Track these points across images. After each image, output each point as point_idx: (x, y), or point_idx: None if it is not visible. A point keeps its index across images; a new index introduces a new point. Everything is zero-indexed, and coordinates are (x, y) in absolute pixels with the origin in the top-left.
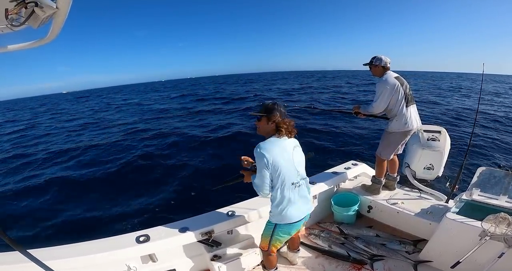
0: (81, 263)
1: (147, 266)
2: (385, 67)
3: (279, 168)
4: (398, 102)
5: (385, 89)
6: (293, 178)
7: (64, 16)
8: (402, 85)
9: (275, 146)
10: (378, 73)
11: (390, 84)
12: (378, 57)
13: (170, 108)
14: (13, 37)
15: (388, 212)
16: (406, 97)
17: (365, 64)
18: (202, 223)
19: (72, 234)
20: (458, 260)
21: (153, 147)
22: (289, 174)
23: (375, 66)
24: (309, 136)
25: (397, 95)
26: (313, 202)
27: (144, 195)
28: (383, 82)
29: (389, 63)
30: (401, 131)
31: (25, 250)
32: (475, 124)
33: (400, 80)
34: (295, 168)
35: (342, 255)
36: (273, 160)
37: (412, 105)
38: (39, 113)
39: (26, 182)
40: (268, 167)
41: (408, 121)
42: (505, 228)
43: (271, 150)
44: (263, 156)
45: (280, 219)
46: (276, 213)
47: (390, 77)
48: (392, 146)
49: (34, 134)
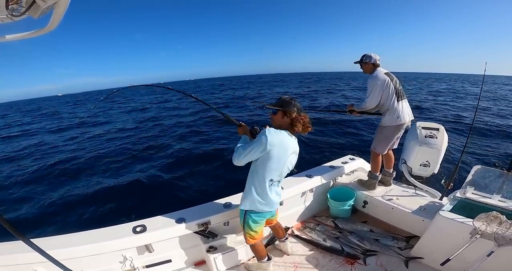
0: (78, 253)
1: (143, 256)
2: (375, 64)
3: (271, 159)
4: (389, 97)
5: (376, 85)
6: (274, 176)
7: (65, 6)
8: (392, 81)
9: (281, 140)
10: (369, 71)
11: (380, 80)
12: (368, 55)
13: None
14: (11, 27)
15: (383, 208)
16: (397, 92)
17: (356, 62)
18: (199, 214)
19: (70, 223)
20: (448, 258)
21: (150, 137)
22: (275, 170)
23: (365, 64)
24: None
25: (387, 90)
26: (310, 195)
27: (140, 185)
28: (374, 78)
29: (378, 60)
30: (394, 125)
31: (28, 239)
32: (473, 123)
33: (389, 76)
34: (281, 169)
35: (336, 249)
36: (271, 149)
37: (403, 100)
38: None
39: (24, 171)
40: (262, 151)
41: (401, 115)
42: (496, 226)
43: (276, 140)
44: (266, 139)
45: (248, 206)
46: (247, 199)
47: (380, 73)
48: (386, 140)
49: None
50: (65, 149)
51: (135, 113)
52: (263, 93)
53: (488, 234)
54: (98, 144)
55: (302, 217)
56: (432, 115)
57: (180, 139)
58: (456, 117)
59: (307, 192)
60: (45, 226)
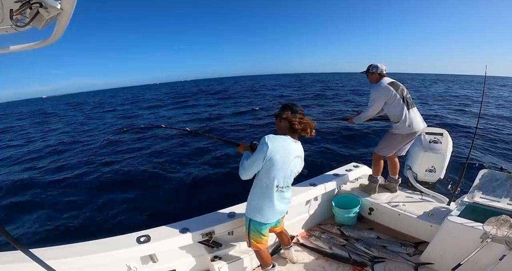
0: (81, 263)
1: (148, 266)
2: (381, 74)
3: (274, 166)
4: (397, 107)
5: (378, 95)
6: (281, 182)
7: (68, 16)
8: (397, 90)
9: (282, 145)
10: (375, 80)
11: (383, 89)
12: (374, 65)
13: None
14: (16, 38)
15: (389, 214)
16: (404, 101)
17: (362, 72)
18: (203, 224)
19: (73, 234)
20: (459, 263)
21: (156, 146)
22: (279, 177)
23: (371, 74)
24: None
25: (393, 100)
26: (314, 203)
27: (145, 195)
28: (377, 87)
29: (385, 70)
30: (406, 133)
31: (27, 250)
32: (477, 127)
33: (395, 86)
34: (286, 174)
35: (343, 257)
36: (273, 155)
37: (412, 109)
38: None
39: (24, 179)
40: (265, 158)
41: (412, 124)
42: (507, 230)
43: (276, 145)
44: (266, 146)
45: (253, 215)
46: (252, 206)
47: (384, 83)
48: (394, 146)
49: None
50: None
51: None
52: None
53: (499, 237)
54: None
55: (307, 225)
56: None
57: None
58: (458, 121)
59: (312, 200)
60: (44, 237)
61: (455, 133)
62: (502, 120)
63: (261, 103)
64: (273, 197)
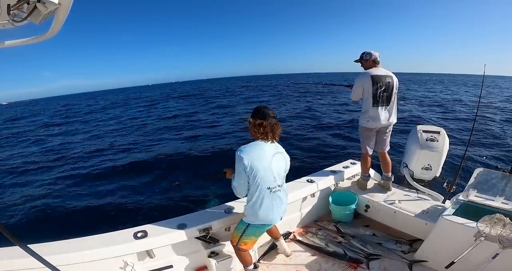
0: (78, 259)
1: (144, 262)
2: (375, 61)
3: (256, 171)
4: (366, 99)
5: (356, 82)
6: (269, 183)
7: (65, 12)
8: (376, 84)
9: (254, 150)
10: (369, 68)
11: (360, 79)
12: (367, 52)
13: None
14: (13, 33)
15: (385, 212)
16: (375, 97)
17: (356, 60)
18: (200, 220)
19: (70, 229)
20: (452, 260)
21: (151, 143)
22: (266, 178)
23: (366, 61)
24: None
25: (366, 92)
26: (311, 200)
27: (142, 191)
28: (359, 75)
29: (378, 56)
30: (364, 126)
31: (25, 245)
32: (473, 125)
33: (375, 79)
34: (272, 174)
35: (338, 254)
36: (250, 163)
37: (381, 107)
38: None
39: (22, 176)
40: (246, 170)
41: (370, 120)
42: (500, 229)
43: (249, 153)
44: (241, 159)
45: (253, 220)
46: (249, 214)
47: (368, 73)
48: (362, 139)
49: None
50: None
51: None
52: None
53: (493, 236)
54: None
55: (303, 222)
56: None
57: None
58: (455, 120)
59: (308, 197)
60: (42, 232)
61: (451, 132)
62: (500, 120)
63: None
64: (267, 199)
